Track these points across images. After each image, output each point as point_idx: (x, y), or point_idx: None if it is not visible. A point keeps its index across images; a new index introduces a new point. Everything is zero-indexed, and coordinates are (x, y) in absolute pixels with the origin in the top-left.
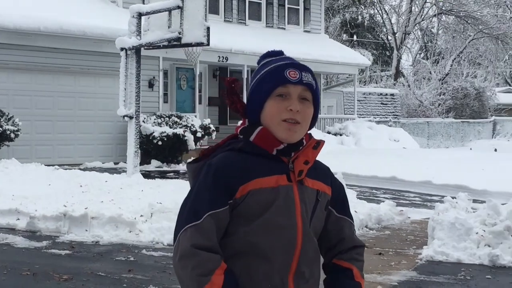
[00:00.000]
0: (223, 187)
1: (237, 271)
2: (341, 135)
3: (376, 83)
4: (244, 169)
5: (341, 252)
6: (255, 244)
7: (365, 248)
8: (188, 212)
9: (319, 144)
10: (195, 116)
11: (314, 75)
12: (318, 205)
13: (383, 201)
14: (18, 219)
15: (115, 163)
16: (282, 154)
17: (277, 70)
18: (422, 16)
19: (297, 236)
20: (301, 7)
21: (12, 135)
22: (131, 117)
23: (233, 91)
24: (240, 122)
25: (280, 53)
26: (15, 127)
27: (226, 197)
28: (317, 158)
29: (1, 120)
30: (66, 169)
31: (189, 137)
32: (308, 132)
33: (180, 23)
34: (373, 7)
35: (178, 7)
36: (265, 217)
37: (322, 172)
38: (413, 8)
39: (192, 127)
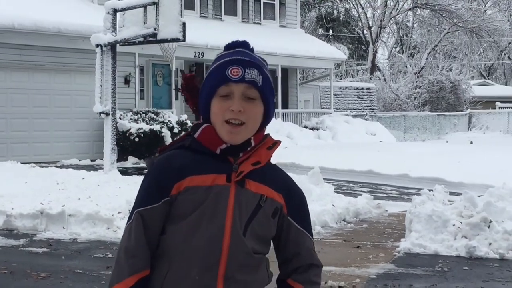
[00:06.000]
0: (158, 185)
1: (163, 271)
2: (318, 129)
3: (352, 77)
4: (182, 166)
5: (297, 269)
6: (178, 245)
7: (343, 242)
8: (131, 209)
9: (274, 144)
10: (172, 112)
11: (263, 70)
12: (260, 211)
13: (361, 195)
14: None
15: (92, 160)
16: (229, 154)
17: (219, 68)
18: (398, 10)
19: (223, 238)
20: (276, 2)
21: None
22: (107, 114)
23: (189, 87)
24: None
25: (241, 44)
26: None
27: (159, 194)
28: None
29: None
30: (42, 167)
31: (166, 133)
32: (266, 132)
33: (156, 19)
34: (348, 1)
35: (154, 3)
36: (192, 217)
37: (277, 179)
38: (388, 2)
39: (169, 123)
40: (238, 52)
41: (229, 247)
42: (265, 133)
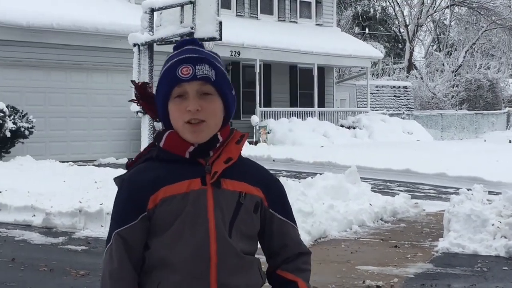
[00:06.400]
0: (132, 201)
1: (154, 287)
2: (354, 128)
3: (389, 75)
4: (154, 178)
5: (286, 260)
6: (164, 258)
7: (381, 241)
8: (109, 232)
9: (242, 137)
10: None
11: (215, 64)
12: (241, 209)
13: (398, 194)
14: (34, 215)
15: (129, 159)
16: (199, 156)
17: (170, 70)
18: (435, 8)
19: (210, 244)
20: (313, 1)
21: (27, 132)
22: (144, 113)
23: (142, 96)
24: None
25: (189, 42)
26: (29, 124)
27: (135, 211)
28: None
29: (15, 117)
30: (80, 165)
31: None
32: (231, 127)
33: (193, 18)
34: None
35: (190, 2)
36: (174, 227)
37: (252, 172)
38: (425, 0)
39: None
40: (187, 50)
41: (217, 251)
42: (231, 126)
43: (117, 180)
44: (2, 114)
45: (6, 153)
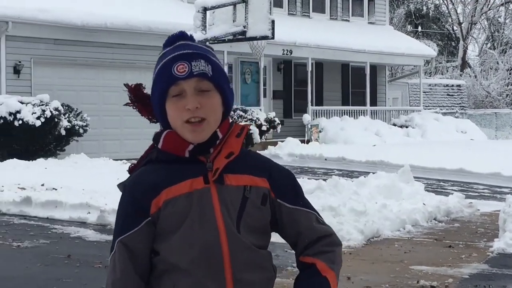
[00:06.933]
0: (135, 206)
1: None
2: (407, 127)
3: (442, 74)
4: (155, 181)
5: (306, 246)
6: (175, 262)
7: (435, 241)
8: (112, 240)
9: (242, 130)
10: (260, 110)
11: (211, 58)
12: (248, 202)
13: (452, 193)
14: (89, 212)
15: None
16: (200, 153)
17: (165, 68)
18: (489, 5)
19: (221, 242)
20: None
21: (81, 130)
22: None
23: (137, 98)
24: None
25: (180, 36)
26: (84, 122)
27: (138, 216)
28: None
29: (70, 115)
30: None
31: (254, 130)
32: (231, 119)
33: (245, 17)
34: None
35: (243, 1)
36: (182, 229)
37: (255, 164)
38: None
39: (257, 120)
40: (180, 46)
41: (229, 248)
42: (230, 121)
43: (120, 186)
44: (57, 113)
45: (61, 151)
